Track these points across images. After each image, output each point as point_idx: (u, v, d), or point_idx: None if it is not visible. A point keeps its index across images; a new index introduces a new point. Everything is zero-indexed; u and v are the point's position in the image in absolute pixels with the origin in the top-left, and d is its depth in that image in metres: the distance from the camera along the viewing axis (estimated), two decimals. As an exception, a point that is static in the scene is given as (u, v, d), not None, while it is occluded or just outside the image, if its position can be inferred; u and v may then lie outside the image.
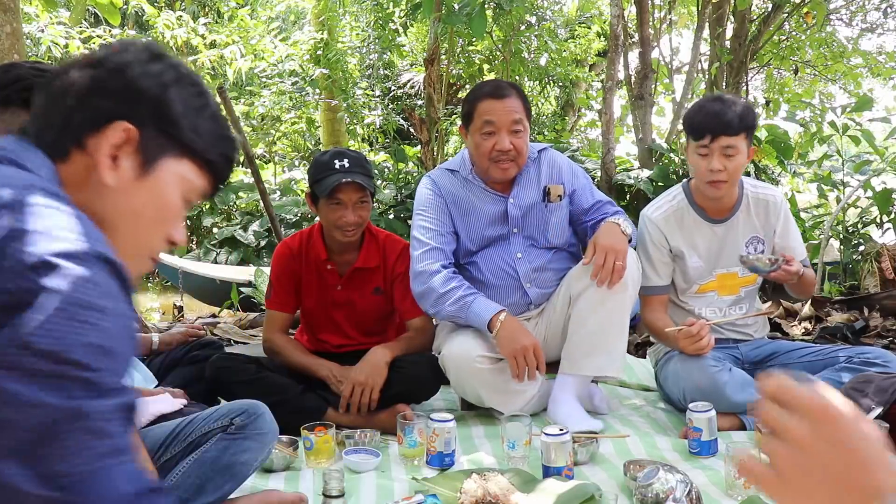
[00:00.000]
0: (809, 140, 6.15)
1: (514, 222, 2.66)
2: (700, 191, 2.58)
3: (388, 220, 7.27)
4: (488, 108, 2.55)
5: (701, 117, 2.48)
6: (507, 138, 2.53)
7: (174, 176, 1.05)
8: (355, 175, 2.51)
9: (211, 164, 1.09)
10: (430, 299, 2.54)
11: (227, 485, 1.77)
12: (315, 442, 2.19)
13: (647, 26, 6.57)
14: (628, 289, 2.48)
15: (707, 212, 2.61)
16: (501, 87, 2.60)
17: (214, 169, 1.10)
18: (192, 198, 1.09)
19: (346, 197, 2.53)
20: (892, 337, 3.72)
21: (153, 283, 9.13)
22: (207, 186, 1.11)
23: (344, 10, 10.24)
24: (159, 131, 1.02)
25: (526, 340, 2.42)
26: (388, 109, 10.90)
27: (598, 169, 6.95)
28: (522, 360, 2.41)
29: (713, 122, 2.44)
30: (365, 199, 2.56)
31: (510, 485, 1.87)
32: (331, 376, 2.53)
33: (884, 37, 10.97)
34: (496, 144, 2.53)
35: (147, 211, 1.04)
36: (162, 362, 2.56)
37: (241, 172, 10.60)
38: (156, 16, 9.48)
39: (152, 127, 1.02)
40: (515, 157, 2.57)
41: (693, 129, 2.49)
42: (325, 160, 2.57)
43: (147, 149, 1.02)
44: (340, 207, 2.54)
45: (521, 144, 2.56)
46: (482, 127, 2.55)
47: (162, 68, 1.03)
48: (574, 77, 11.71)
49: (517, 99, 2.57)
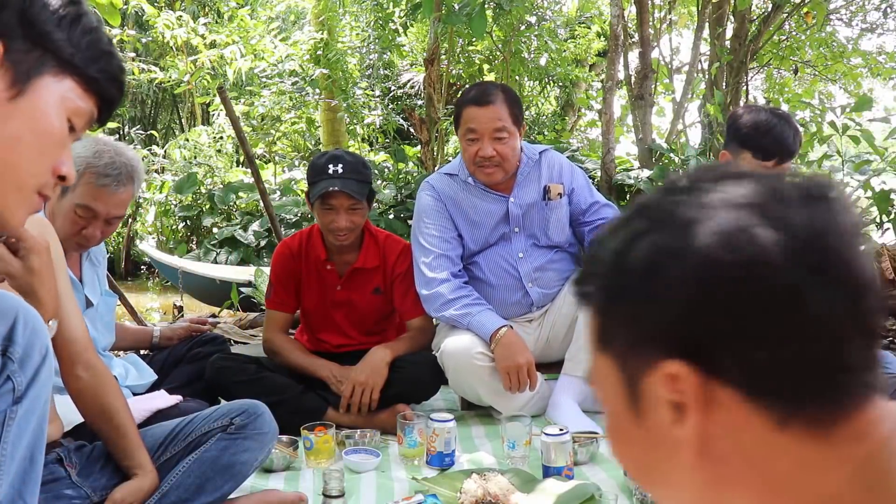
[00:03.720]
0: (809, 140, 6.14)
1: (515, 221, 2.67)
2: None
3: (388, 220, 7.27)
4: (471, 116, 2.56)
5: (772, 139, 2.42)
6: (490, 146, 2.54)
7: (54, 96, 0.93)
8: (347, 182, 2.49)
9: (94, 82, 0.97)
10: (435, 303, 2.57)
11: (227, 485, 1.77)
12: (315, 442, 2.19)
13: (647, 26, 6.57)
14: None
15: None
16: (486, 94, 2.58)
17: (99, 88, 0.98)
18: (79, 123, 0.98)
19: (338, 203, 2.52)
20: (892, 337, 3.72)
21: (153, 283, 9.13)
22: (94, 108, 0.99)
23: (344, 10, 10.24)
24: (31, 44, 0.91)
25: (521, 358, 2.45)
26: (388, 109, 10.90)
27: (598, 169, 6.95)
28: (515, 377, 2.45)
29: (783, 147, 2.42)
30: (357, 205, 2.54)
31: (510, 485, 1.87)
32: (331, 376, 2.53)
33: (884, 37, 10.99)
34: (479, 151, 2.55)
35: (25, 136, 0.92)
36: (165, 359, 2.50)
37: (241, 172, 10.61)
38: (156, 16, 9.48)
39: (21, 39, 0.90)
40: (500, 163, 2.58)
41: (762, 148, 2.43)
42: (320, 164, 2.56)
43: (18, 64, 0.90)
44: (332, 212, 2.53)
45: (505, 150, 2.56)
46: (466, 134, 2.58)
47: None
48: (574, 77, 11.70)
49: (503, 104, 2.55)
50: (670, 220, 0.60)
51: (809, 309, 0.56)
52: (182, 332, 2.63)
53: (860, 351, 0.58)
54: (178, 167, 10.16)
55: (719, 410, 0.59)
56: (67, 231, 2.01)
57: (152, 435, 1.81)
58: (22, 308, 1.26)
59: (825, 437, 0.58)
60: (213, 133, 11.44)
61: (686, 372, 0.58)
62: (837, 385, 0.58)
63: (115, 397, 1.71)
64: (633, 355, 0.62)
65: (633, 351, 0.62)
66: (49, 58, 0.92)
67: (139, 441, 1.72)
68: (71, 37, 0.93)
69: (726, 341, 0.57)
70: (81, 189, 2.01)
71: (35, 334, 1.26)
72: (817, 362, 0.57)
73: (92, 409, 1.69)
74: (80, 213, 2.01)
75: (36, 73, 0.91)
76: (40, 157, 0.94)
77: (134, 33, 10.32)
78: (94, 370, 1.69)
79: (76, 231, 2.03)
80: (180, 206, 9.48)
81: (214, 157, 11.14)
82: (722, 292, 0.57)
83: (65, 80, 0.94)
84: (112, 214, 2.06)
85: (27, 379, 1.24)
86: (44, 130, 0.93)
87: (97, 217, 2.03)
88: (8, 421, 1.22)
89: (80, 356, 1.67)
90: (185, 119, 14.83)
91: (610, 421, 0.68)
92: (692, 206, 0.60)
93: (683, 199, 0.61)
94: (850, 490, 0.57)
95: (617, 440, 0.68)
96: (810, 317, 0.56)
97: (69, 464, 1.68)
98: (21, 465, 1.23)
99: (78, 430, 1.81)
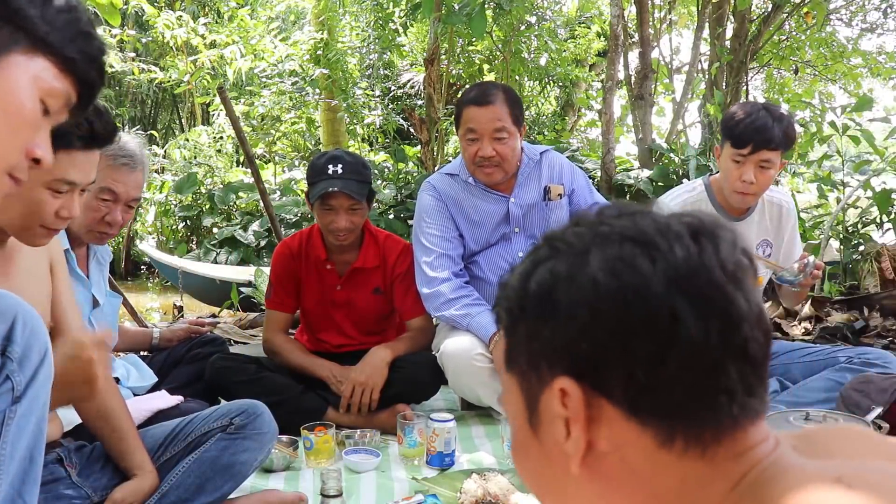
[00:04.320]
0: (809, 140, 6.14)
1: (515, 221, 2.68)
2: (723, 192, 2.59)
3: (388, 220, 7.27)
4: (471, 116, 2.56)
5: (745, 127, 2.42)
6: (490, 146, 2.55)
7: (25, 75, 0.89)
8: (347, 182, 2.49)
9: (71, 62, 0.93)
10: (436, 302, 2.58)
11: (227, 484, 1.77)
12: (315, 442, 2.19)
13: (647, 26, 6.58)
14: None
15: (725, 209, 2.62)
16: (486, 94, 2.58)
17: (76, 69, 0.93)
18: (54, 104, 0.93)
19: (338, 203, 2.52)
20: (892, 337, 3.72)
21: (153, 283, 9.13)
22: (71, 91, 0.94)
23: (344, 10, 10.24)
24: (0, 21, 0.87)
25: None
26: (388, 109, 10.90)
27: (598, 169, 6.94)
28: None
29: (758, 135, 2.40)
30: (357, 205, 2.53)
31: (510, 485, 1.87)
32: (331, 377, 2.53)
33: (884, 37, 10.99)
34: (479, 151, 2.56)
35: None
36: (165, 360, 2.51)
37: (241, 172, 10.61)
38: (156, 16, 9.48)
39: None
40: (500, 163, 2.58)
41: (735, 136, 2.44)
42: (320, 164, 2.56)
43: None
44: (331, 213, 2.53)
45: (505, 150, 2.57)
46: (466, 133, 2.59)
47: None
48: (574, 77, 11.71)
49: (503, 104, 2.56)
50: (568, 249, 0.66)
51: (684, 334, 0.61)
52: (182, 333, 2.63)
53: (741, 376, 0.62)
54: (178, 167, 10.16)
55: (607, 427, 0.63)
56: (90, 220, 2.04)
57: (152, 435, 1.81)
58: (21, 308, 1.26)
59: (707, 456, 0.63)
60: (213, 133, 11.44)
61: (574, 388, 0.63)
62: (717, 407, 0.62)
63: (114, 399, 1.71)
64: (532, 373, 0.67)
65: (532, 368, 0.67)
66: (21, 36, 0.88)
67: (138, 441, 1.72)
68: (45, 14, 0.89)
69: (611, 361, 0.63)
70: (100, 174, 2.02)
71: (34, 335, 1.26)
72: (695, 385, 0.62)
73: (91, 411, 1.69)
74: (103, 197, 2.04)
75: (5, 50, 0.87)
76: (10, 138, 0.90)
77: (134, 33, 10.32)
78: None
79: (99, 218, 2.05)
80: (180, 206, 9.48)
81: (214, 157, 11.14)
82: (607, 315, 0.62)
83: (37, 59, 0.90)
84: (131, 196, 2.08)
85: (26, 379, 1.24)
86: (12, 109, 0.89)
87: (118, 200, 2.06)
88: (7, 421, 1.22)
89: None
90: (185, 119, 14.83)
91: (513, 437, 0.73)
92: (588, 238, 0.66)
93: (583, 232, 0.67)
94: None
95: (518, 455, 0.72)
96: (685, 342, 0.61)
97: (69, 464, 1.68)
98: (20, 464, 1.23)
99: (78, 430, 1.81)
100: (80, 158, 1.47)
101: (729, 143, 2.47)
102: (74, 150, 1.46)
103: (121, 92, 14.48)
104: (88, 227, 2.04)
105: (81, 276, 2.10)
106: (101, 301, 2.19)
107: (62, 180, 1.45)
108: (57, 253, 1.69)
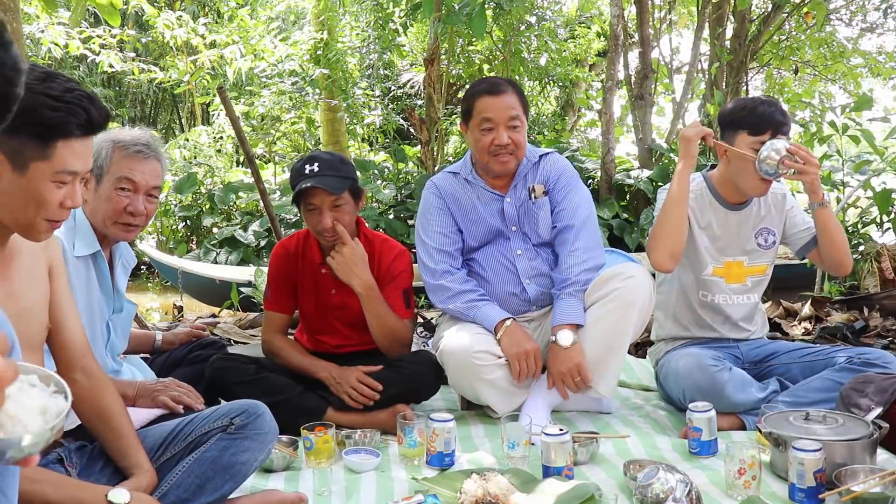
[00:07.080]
0: (809, 140, 6.15)
1: (511, 220, 2.70)
2: (725, 184, 2.62)
3: (388, 220, 7.27)
4: (486, 106, 2.60)
5: (761, 113, 2.48)
6: (505, 133, 2.59)
7: None
8: (323, 178, 2.46)
9: None
10: (441, 295, 2.63)
11: (227, 484, 1.77)
12: (315, 442, 2.19)
13: (647, 26, 6.58)
14: (633, 313, 2.48)
15: (725, 198, 2.64)
16: (498, 84, 2.66)
17: None
18: None
19: (318, 201, 2.49)
20: (891, 337, 3.72)
21: (153, 283, 9.13)
22: None
23: (344, 10, 10.25)
24: None
25: (528, 345, 2.51)
26: (388, 109, 10.91)
27: (598, 169, 6.97)
28: (524, 363, 2.50)
29: (774, 119, 2.47)
30: (338, 201, 2.50)
31: (510, 485, 1.87)
32: (330, 377, 2.53)
33: (884, 37, 10.97)
34: (495, 139, 2.59)
35: None
36: (164, 362, 2.55)
37: (241, 172, 10.61)
38: (156, 16, 9.48)
39: None
40: (514, 151, 2.63)
41: (752, 124, 2.49)
42: (298, 166, 2.55)
43: None
44: (315, 213, 2.51)
45: (518, 138, 2.62)
46: (480, 123, 2.61)
47: None
48: (574, 77, 11.72)
49: (514, 95, 2.62)
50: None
51: None
52: (183, 336, 2.69)
53: None
54: (178, 167, 10.15)
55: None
56: (112, 211, 2.04)
57: (152, 435, 1.81)
58: None
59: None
60: (213, 133, 11.44)
61: None
62: None
63: (113, 400, 1.71)
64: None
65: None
66: None
67: (137, 442, 1.72)
68: None
69: None
70: (116, 165, 2.04)
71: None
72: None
73: (89, 412, 1.69)
74: (121, 187, 2.04)
75: None
76: None
77: (134, 33, 10.33)
78: (92, 374, 1.70)
79: (121, 209, 2.04)
80: (180, 206, 9.48)
81: (214, 157, 11.15)
82: None
83: None
84: (150, 184, 2.08)
85: None
86: None
87: (138, 190, 2.05)
88: None
89: (77, 361, 1.68)
90: (185, 119, 14.84)
91: None
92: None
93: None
94: None
95: None
96: None
97: (69, 464, 1.68)
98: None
99: (78, 430, 1.82)
100: (79, 147, 1.47)
101: (746, 133, 2.50)
102: (73, 139, 1.45)
103: (121, 92, 14.49)
104: (113, 220, 2.03)
105: (108, 278, 2.11)
106: (123, 307, 2.20)
107: (65, 171, 1.45)
108: (56, 257, 1.69)
